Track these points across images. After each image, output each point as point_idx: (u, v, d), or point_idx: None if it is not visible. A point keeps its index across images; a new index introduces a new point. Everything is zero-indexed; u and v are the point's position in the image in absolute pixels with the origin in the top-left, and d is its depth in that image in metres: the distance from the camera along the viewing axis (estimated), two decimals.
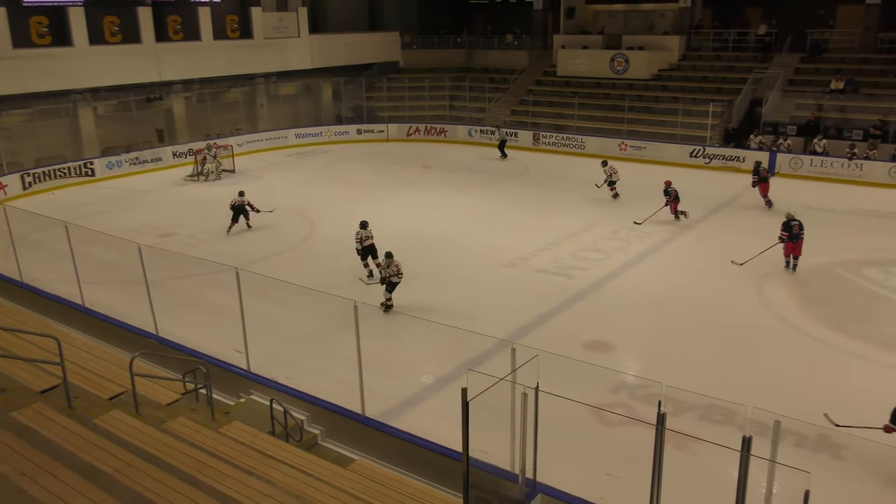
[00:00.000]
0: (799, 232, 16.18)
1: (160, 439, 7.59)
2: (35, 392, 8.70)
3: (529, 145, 31.16)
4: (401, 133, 33.75)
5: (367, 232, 15.81)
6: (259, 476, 7.26)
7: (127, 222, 20.48)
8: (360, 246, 15.82)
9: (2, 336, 10.63)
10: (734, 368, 11.96)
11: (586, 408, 9.71)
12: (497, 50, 38.84)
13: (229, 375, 11.09)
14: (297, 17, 34.12)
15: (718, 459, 8.62)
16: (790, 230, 16.31)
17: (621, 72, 32.92)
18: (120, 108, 28.92)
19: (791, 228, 16.29)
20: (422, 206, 22.17)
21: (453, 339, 11.67)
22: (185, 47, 29.93)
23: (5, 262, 16.18)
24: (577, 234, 19.07)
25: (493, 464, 8.24)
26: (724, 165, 26.57)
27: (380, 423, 9.72)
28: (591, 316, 14.21)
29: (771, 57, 30.86)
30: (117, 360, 10.89)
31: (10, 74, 24.55)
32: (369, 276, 15.92)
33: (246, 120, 33.69)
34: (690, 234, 19.14)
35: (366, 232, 15.81)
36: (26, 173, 24.30)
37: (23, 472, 6.34)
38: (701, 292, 15.18)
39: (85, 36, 26.61)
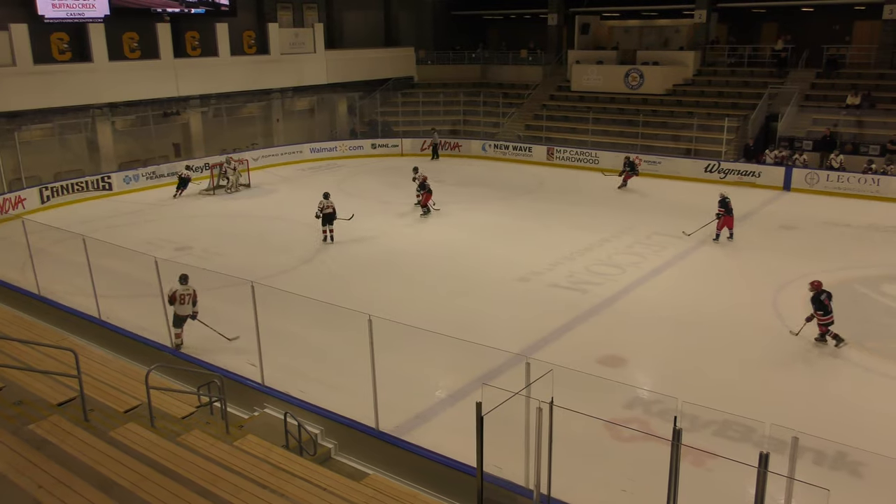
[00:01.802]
0: (731, 207, 18.98)
1: (175, 452, 7.62)
2: (52, 405, 8.77)
3: (543, 160, 31.21)
4: (415, 148, 33.88)
5: (328, 202, 19.49)
6: (273, 490, 7.26)
7: (143, 236, 20.65)
8: (321, 213, 19.46)
9: (19, 349, 10.73)
10: (751, 384, 11.85)
11: (601, 423, 9.66)
12: (511, 65, 38.99)
13: (244, 389, 11.12)
14: (313, 32, 34.43)
15: (735, 476, 8.54)
16: (726, 206, 18.92)
17: (636, 87, 32.94)
18: (137, 123, 29.24)
19: (727, 205, 18.96)
20: (436, 220, 22.20)
21: (467, 353, 11.65)
22: (202, 63, 30.26)
23: (23, 275, 16.36)
24: (592, 248, 19.03)
25: (507, 479, 8.22)
26: (740, 181, 26.46)
27: (394, 438, 9.70)
28: (605, 331, 14.15)
29: (787, 72, 30.79)
30: (133, 372, 10.96)
31: (31, 89, 24.91)
32: (325, 240, 19.75)
33: (262, 134, 33.96)
34: (705, 249, 19.05)
35: (327, 202, 19.49)
36: (45, 187, 24.58)
37: (39, 485, 6.37)
38: (717, 308, 15.08)
39: (104, 52, 26.96)
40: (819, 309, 12.93)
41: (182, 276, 13.04)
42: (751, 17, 35.21)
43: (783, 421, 8.26)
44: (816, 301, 12.94)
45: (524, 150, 31.99)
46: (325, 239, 19.74)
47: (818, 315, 12.98)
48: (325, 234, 19.76)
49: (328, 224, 19.66)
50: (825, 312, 12.92)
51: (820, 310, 12.93)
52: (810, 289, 13.05)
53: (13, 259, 17.40)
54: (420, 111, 36.80)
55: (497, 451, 7.32)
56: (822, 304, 12.90)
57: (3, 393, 8.86)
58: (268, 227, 21.98)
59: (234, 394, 10.87)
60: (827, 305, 12.90)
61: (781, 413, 10.47)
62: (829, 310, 12.91)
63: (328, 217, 19.56)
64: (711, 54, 33.95)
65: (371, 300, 15.53)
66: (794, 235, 20.33)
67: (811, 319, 13.08)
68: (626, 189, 25.91)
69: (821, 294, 12.91)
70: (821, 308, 12.91)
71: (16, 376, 9.34)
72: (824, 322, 13.01)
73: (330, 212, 19.51)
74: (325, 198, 19.69)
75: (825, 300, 12.89)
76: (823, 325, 13.05)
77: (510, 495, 8.14)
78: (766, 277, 16.65)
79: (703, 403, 9.73)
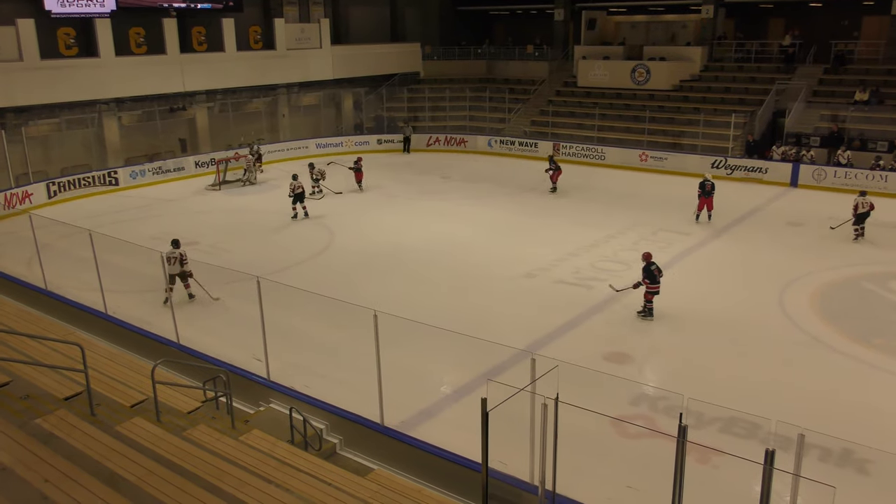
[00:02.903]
0: (710, 190, 20.53)
1: (181, 447, 7.64)
2: (59, 399, 8.80)
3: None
4: (421, 143, 33.87)
5: (297, 183, 21.58)
6: (278, 484, 7.28)
7: (150, 231, 20.69)
8: (293, 193, 21.48)
9: (27, 343, 10.76)
10: (756, 381, 11.82)
11: (606, 419, 9.65)
12: (518, 60, 38.93)
13: (249, 384, 11.14)
14: (319, 28, 34.43)
15: (741, 473, 8.53)
16: (703, 188, 20.60)
17: (642, 82, 32.84)
18: (144, 118, 29.30)
19: (704, 187, 20.59)
20: (441, 216, 22.20)
21: (472, 349, 11.64)
22: (208, 58, 30.29)
23: (30, 270, 16.41)
24: (597, 244, 19.00)
25: (512, 475, 8.22)
26: (746, 176, 26.37)
27: (399, 433, 9.71)
28: (610, 327, 14.12)
29: (794, 68, 30.65)
30: (139, 367, 10.98)
31: (38, 85, 24.98)
32: (294, 217, 21.73)
33: (268, 130, 33.98)
34: (712, 245, 19.00)
35: (297, 183, 21.57)
36: (51, 182, 24.64)
37: (46, 479, 6.40)
38: (722, 304, 15.05)
39: (111, 47, 27.01)
40: (648, 277, 13.98)
41: (173, 241, 15.00)
42: (758, 12, 35.05)
43: (789, 418, 8.25)
44: (647, 271, 14.00)
45: (530, 145, 31.93)
46: (296, 216, 21.69)
47: (646, 283, 14.02)
48: (296, 212, 21.72)
49: (299, 202, 21.68)
50: (653, 281, 14.00)
51: (649, 278, 13.98)
52: (642, 259, 14.16)
53: (20, 254, 17.47)
54: (426, 107, 36.78)
55: (502, 447, 7.32)
56: (653, 273, 13.98)
57: (11, 387, 8.89)
58: (274, 222, 22.00)
59: (240, 389, 10.90)
60: (656, 276, 13.97)
61: (787, 410, 10.43)
62: (658, 280, 14.01)
63: (299, 196, 21.59)
64: (718, 50, 33.82)
65: (376, 296, 15.52)
66: (801, 232, 20.25)
67: (638, 287, 14.15)
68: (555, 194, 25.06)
69: (651, 265, 14.00)
70: (650, 277, 13.96)
71: (23, 371, 9.37)
72: (651, 290, 14.08)
73: (300, 191, 21.62)
74: (294, 179, 21.75)
75: (655, 271, 13.97)
76: (650, 293, 14.11)
77: (515, 491, 8.14)
78: (772, 274, 16.59)
79: (709, 400, 9.72)
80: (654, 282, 13.98)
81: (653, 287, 14.04)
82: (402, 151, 33.43)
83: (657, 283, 14.01)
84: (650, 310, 14.19)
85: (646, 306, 14.23)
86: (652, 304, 14.17)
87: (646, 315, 14.23)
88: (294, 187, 21.57)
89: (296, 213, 21.80)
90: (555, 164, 25.26)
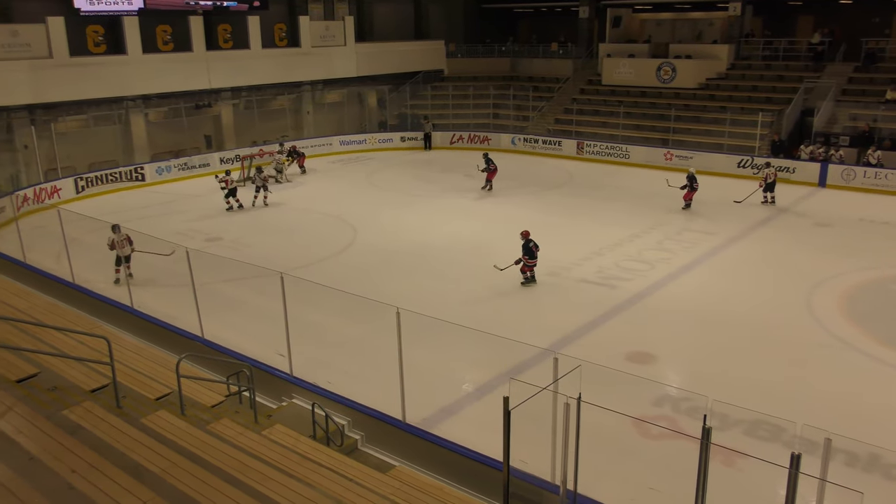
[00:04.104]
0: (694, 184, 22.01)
1: (205, 440, 7.70)
2: (85, 391, 8.92)
3: (573, 154, 31.01)
4: (444, 141, 33.87)
5: (230, 177, 23.06)
6: (300, 479, 7.32)
7: (175, 226, 20.91)
8: (227, 188, 22.72)
9: (54, 335, 10.93)
10: (781, 383, 11.69)
11: (629, 420, 9.59)
12: (542, 58, 38.77)
13: (272, 379, 11.22)
14: (343, 25, 34.54)
15: (766, 477, 8.45)
16: (691, 182, 21.98)
17: (668, 81, 32.56)
18: (170, 115, 29.60)
19: (692, 181, 21.98)
20: (464, 214, 22.19)
21: (494, 347, 11.63)
22: (234, 55, 30.52)
23: (59, 263, 16.66)
24: (621, 244, 18.88)
25: (533, 474, 8.19)
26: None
27: (420, 430, 9.72)
28: (633, 327, 14.03)
29: (824, 66, 30.20)
30: (164, 361, 11.11)
31: (67, 81, 25.33)
32: (228, 209, 22.79)
33: (292, 127, 34.17)
34: (737, 245, 18.80)
35: (229, 178, 23.01)
36: (79, 177, 24.99)
37: (73, 469, 6.49)
38: (748, 305, 14.88)
39: (139, 44, 27.31)
40: (527, 254, 15.73)
41: (113, 226, 15.70)
42: (787, 9, 34.60)
43: (814, 421, 8.13)
44: (525, 248, 15.73)
45: (554, 144, 31.81)
46: (231, 208, 22.85)
47: (525, 259, 15.75)
48: (230, 205, 22.85)
49: (232, 196, 22.88)
50: (531, 256, 15.76)
51: (527, 254, 15.73)
52: (521, 237, 15.85)
53: (49, 248, 17.73)
54: (450, 104, 36.77)
55: (523, 445, 7.30)
56: (531, 249, 15.70)
57: (39, 378, 9.04)
58: (297, 218, 22.14)
59: (263, 384, 10.98)
60: (534, 251, 15.72)
61: (813, 413, 10.31)
62: (535, 255, 15.77)
63: (232, 191, 22.89)
64: (746, 48, 33.43)
65: (399, 293, 15.55)
66: (829, 233, 19.98)
67: (519, 263, 15.84)
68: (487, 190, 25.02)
69: (529, 242, 15.71)
70: (528, 253, 15.71)
71: (51, 362, 9.52)
72: (530, 265, 15.86)
73: (234, 186, 22.99)
74: (227, 174, 23.46)
75: (533, 248, 15.71)
76: (529, 267, 15.87)
77: (536, 490, 8.12)
78: (799, 275, 16.39)
79: (733, 402, 9.62)
80: (532, 257, 15.69)
81: (531, 262, 15.77)
82: (424, 149, 33.44)
83: (535, 258, 15.73)
84: (531, 277, 15.98)
85: (525, 275, 15.94)
86: (532, 272, 15.94)
87: (528, 281, 15.95)
88: (227, 181, 22.74)
89: (230, 206, 22.83)
90: (492, 164, 24.92)
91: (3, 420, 7.20)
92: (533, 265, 15.87)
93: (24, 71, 24.30)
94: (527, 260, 15.77)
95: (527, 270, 15.92)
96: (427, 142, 33.56)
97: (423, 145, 33.57)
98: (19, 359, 9.44)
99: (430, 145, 33.50)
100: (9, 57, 24.03)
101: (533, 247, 15.71)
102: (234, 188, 22.90)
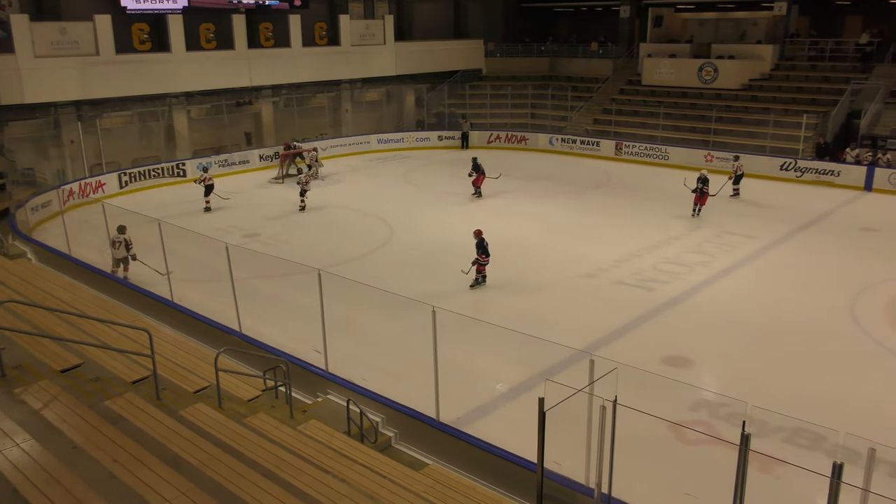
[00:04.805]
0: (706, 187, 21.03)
1: (241, 433, 7.81)
2: (127, 382, 9.10)
3: (612, 154, 30.74)
4: (481, 140, 33.83)
5: (207, 175, 23.04)
6: (335, 475, 7.37)
7: (214, 222, 21.22)
8: (204, 185, 22.68)
9: (97, 327, 11.17)
10: (822, 391, 11.45)
11: (664, 424, 9.47)
12: (581, 58, 38.51)
13: (308, 375, 11.32)
14: (383, 24, 34.71)
15: (805, 485, 8.30)
16: (703, 184, 20.96)
17: (709, 81, 32.09)
18: (212, 112, 30.05)
19: (704, 183, 20.98)
20: (501, 214, 22.12)
21: (530, 348, 11.59)
22: (275, 54, 30.87)
23: (102, 257, 17.02)
24: (659, 246, 18.67)
25: (567, 476, 8.15)
26: (818, 180, 25.52)
27: (454, 429, 9.73)
28: (670, 330, 13.87)
29: (872, 67, 29.49)
30: (202, 354, 11.27)
31: (113, 78, 25.85)
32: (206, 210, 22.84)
33: (330, 125, 34.45)
34: (779, 249, 18.46)
35: (207, 175, 23.01)
36: (123, 173, 25.50)
37: (115, 459, 6.62)
38: (789, 311, 14.60)
39: (182, 42, 27.76)
40: (483, 253, 15.64)
41: (119, 227, 15.73)
42: (834, 9, 33.86)
43: (856, 430, 7.96)
44: (480, 246, 15.65)
45: (592, 144, 31.59)
46: (209, 209, 22.94)
47: (482, 258, 15.65)
48: (208, 205, 23.04)
49: (206, 195, 22.94)
50: (485, 255, 15.68)
51: (483, 253, 15.64)
52: (474, 236, 15.76)
53: (93, 241, 18.13)
54: (488, 104, 36.72)
55: (558, 447, 7.26)
56: (485, 248, 15.68)
57: (82, 369, 9.25)
58: (334, 216, 22.30)
59: (299, 379, 11.08)
60: (487, 249, 15.66)
61: (854, 422, 10.07)
62: (489, 253, 15.69)
63: (208, 188, 22.88)
64: (791, 48, 32.77)
65: (434, 291, 15.60)
66: (875, 238, 19.51)
67: (476, 263, 15.73)
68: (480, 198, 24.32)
69: (483, 241, 15.67)
70: (483, 252, 15.64)
71: (94, 354, 9.73)
72: (484, 263, 15.77)
73: (210, 184, 22.92)
74: (203, 171, 23.52)
75: (486, 246, 15.68)
76: (482, 265, 15.77)
77: (570, 493, 8.07)
78: (843, 280, 16.04)
79: (772, 408, 9.44)
80: (486, 255, 15.65)
81: (485, 259, 15.71)
82: (461, 148, 33.44)
83: (488, 256, 15.68)
84: (483, 278, 15.87)
85: (477, 277, 15.83)
86: (484, 274, 15.84)
87: (477, 284, 15.83)
88: (204, 179, 22.84)
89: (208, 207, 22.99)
90: (480, 168, 24.06)
91: (49, 409, 7.38)
92: (486, 263, 15.82)
93: (72, 68, 24.87)
94: (483, 258, 15.70)
95: (481, 269, 15.83)
96: (464, 141, 33.54)
97: (460, 144, 33.57)
98: (64, 349, 9.67)
99: (467, 144, 33.48)
100: (58, 54, 24.61)
101: (486, 246, 15.72)
102: (210, 185, 22.87)
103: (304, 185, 23.10)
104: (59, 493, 6.02)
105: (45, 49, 24.27)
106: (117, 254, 15.91)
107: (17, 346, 9.23)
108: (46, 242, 18.26)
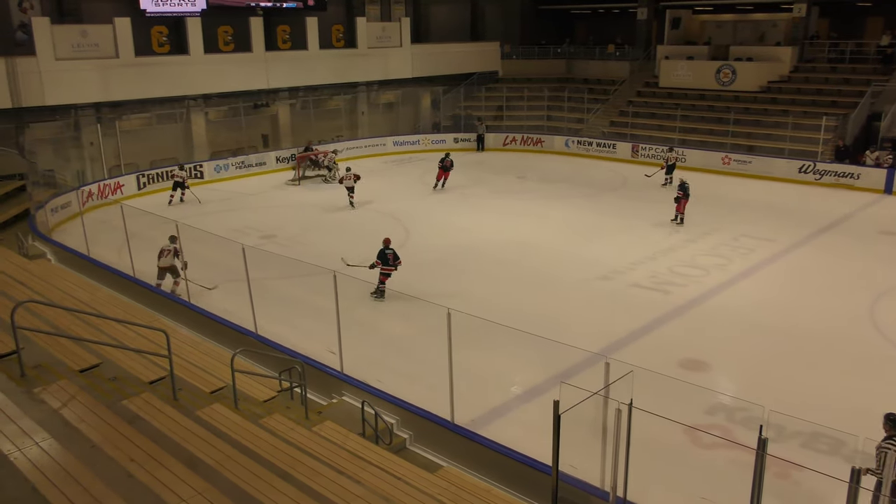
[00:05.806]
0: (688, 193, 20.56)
1: (257, 434, 7.85)
2: (144, 382, 9.18)
3: (628, 157, 30.61)
4: (497, 142, 33.82)
5: (183, 172, 24.04)
6: (350, 476, 7.39)
7: (231, 223, 21.33)
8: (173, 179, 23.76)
9: (115, 327, 11.27)
10: (841, 396, 11.33)
11: (680, 428, 9.41)
12: (598, 60, 38.38)
13: (323, 376, 11.36)
14: (399, 27, 34.79)
15: (823, 491, 8.22)
16: (685, 190, 20.56)
17: (727, 83, 31.87)
18: (229, 114, 30.23)
19: (686, 189, 20.58)
20: (516, 216, 22.10)
21: (545, 350, 11.56)
22: (292, 56, 31.02)
23: (120, 257, 17.16)
24: (675, 249, 18.57)
25: (582, 479, 8.12)
26: (837, 182, 25.28)
27: (468, 431, 9.72)
28: (686, 334, 13.78)
29: (893, 69, 29.16)
30: (219, 355, 11.35)
31: (132, 80, 26.09)
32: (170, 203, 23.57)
33: (347, 127, 34.56)
34: (797, 252, 18.30)
35: (181, 172, 24.00)
36: (141, 174, 25.71)
37: (132, 458, 6.67)
38: (807, 315, 14.47)
39: (200, 45, 27.96)
40: (381, 260, 15.13)
41: (170, 237, 15.32)
42: (855, 10, 33.54)
43: (875, 436, 7.88)
44: (381, 254, 15.14)
45: (608, 146, 31.48)
46: (171, 202, 23.67)
47: (379, 264, 15.11)
48: (171, 198, 23.78)
49: (177, 189, 23.77)
50: (385, 264, 15.10)
51: (382, 261, 15.12)
52: (383, 244, 15.24)
53: (112, 241, 18.28)
54: (504, 106, 36.70)
55: (573, 450, 7.24)
56: (386, 257, 15.08)
57: (101, 368, 9.33)
58: (350, 217, 22.36)
59: (314, 380, 11.12)
60: (390, 260, 15.08)
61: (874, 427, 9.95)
62: (391, 264, 15.12)
63: (178, 184, 23.76)
64: (810, 50, 32.47)
65: (450, 292, 15.59)
66: (895, 241, 19.29)
67: (373, 267, 15.15)
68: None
69: (387, 250, 15.14)
70: (383, 260, 15.10)
71: (112, 353, 9.82)
72: (385, 272, 15.14)
73: (180, 180, 23.83)
74: (179, 168, 24.39)
75: (390, 256, 15.10)
76: (384, 274, 15.14)
77: (585, 496, 8.04)
78: (863, 284, 15.88)
79: (789, 413, 9.36)
80: (386, 264, 15.04)
81: (386, 269, 15.11)
82: (476, 150, 33.44)
83: (390, 267, 15.07)
84: (382, 291, 15.07)
85: (378, 287, 15.09)
86: (384, 285, 15.05)
87: (378, 296, 15.09)
88: (176, 175, 23.93)
89: (171, 200, 23.74)
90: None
91: (67, 408, 7.45)
92: (388, 273, 15.10)
93: (92, 70, 25.13)
94: (382, 267, 15.08)
95: (383, 279, 15.11)
96: (480, 143, 33.53)
97: (475, 146, 33.57)
98: (82, 349, 9.76)
99: (482, 147, 33.46)
100: (78, 56, 24.86)
101: (390, 255, 15.08)
102: (180, 182, 23.62)
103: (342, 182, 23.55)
104: (77, 491, 6.08)
105: (65, 52, 24.53)
106: (164, 262, 15.33)
107: (37, 346, 9.33)
108: (66, 243, 18.44)
